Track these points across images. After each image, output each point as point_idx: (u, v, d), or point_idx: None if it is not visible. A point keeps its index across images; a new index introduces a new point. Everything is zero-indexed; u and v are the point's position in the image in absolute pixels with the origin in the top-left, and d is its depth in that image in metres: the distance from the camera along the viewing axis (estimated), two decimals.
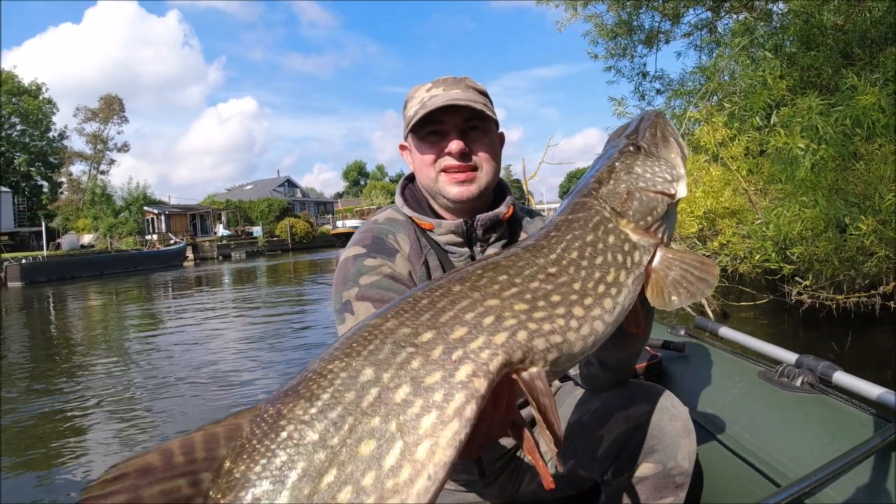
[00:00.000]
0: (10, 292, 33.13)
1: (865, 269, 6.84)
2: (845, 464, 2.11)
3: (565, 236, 1.56)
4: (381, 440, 0.97)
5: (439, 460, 0.98)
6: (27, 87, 69.61)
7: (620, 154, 1.77)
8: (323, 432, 0.96)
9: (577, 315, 1.40)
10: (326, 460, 0.94)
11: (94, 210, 64.46)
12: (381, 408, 1.00)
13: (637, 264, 1.57)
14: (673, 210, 1.73)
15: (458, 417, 1.03)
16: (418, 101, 2.23)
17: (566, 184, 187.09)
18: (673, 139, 1.77)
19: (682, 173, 1.73)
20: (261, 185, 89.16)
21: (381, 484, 0.94)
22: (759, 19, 11.62)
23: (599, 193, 1.69)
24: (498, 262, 1.43)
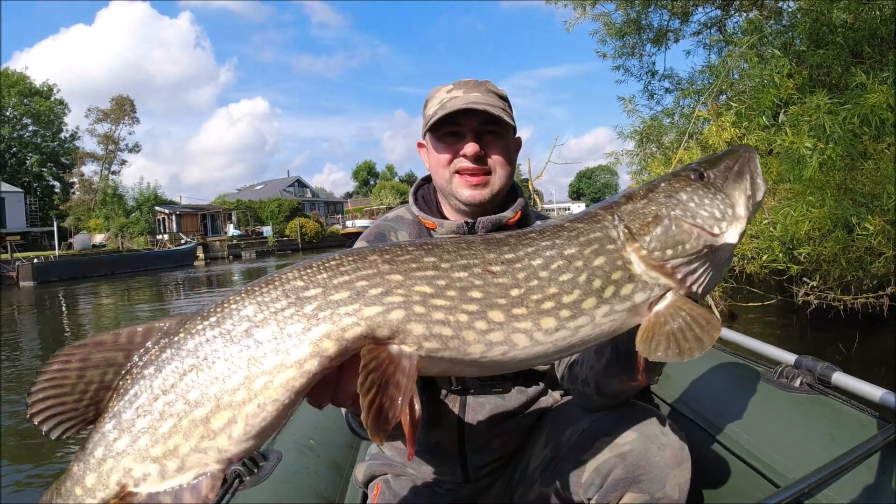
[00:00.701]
0: (22, 292, 33.38)
1: (873, 269, 6.80)
2: (844, 464, 2.10)
3: (541, 241, 1.50)
4: (232, 364, 1.21)
5: (269, 396, 1.21)
6: (39, 88, 70.07)
7: (674, 175, 1.65)
8: (197, 345, 1.24)
9: (493, 319, 1.38)
10: (193, 366, 1.22)
11: (106, 210, 64.80)
12: (245, 340, 1.23)
13: (622, 298, 1.49)
14: (716, 257, 1.58)
15: (297, 367, 1.22)
16: (438, 102, 2.25)
17: (576, 183, 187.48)
18: (749, 178, 1.62)
19: (739, 215, 1.57)
20: (271, 186, 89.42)
21: (219, 397, 1.20)
22: (769, 17, 11.56)
23: (621, 209, 1.58)
24: (441, 244, 1.45)
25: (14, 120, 67.91)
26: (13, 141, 67.84)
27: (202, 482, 1.19)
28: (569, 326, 1.44)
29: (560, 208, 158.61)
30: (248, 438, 1.21)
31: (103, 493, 1.20)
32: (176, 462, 1.19)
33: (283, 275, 1.32)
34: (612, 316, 1.48)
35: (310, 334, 1.24)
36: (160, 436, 1.19)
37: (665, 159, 11.40)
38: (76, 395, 1.23)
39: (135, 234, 61.25)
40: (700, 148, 10.16)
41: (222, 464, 1.21)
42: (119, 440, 1.20)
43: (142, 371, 1.23)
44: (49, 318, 21.82)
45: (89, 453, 1.21)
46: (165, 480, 1.19)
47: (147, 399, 1.21)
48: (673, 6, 14.37)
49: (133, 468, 1.19)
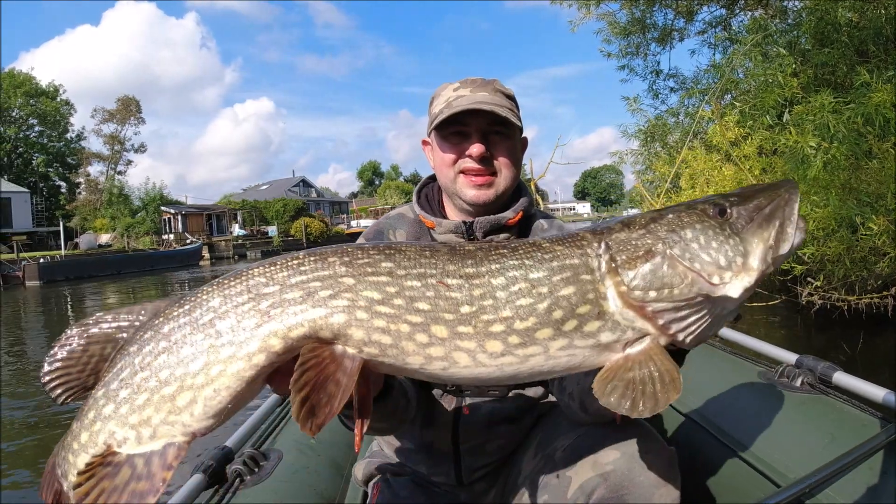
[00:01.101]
0: (28, 291, 33.54)
1: (878, 269, 6.78)
2: (845, 464, 2.10)
3: (509, 260, 1.42)
4: (196, 350, 1.34)
5: (223, 383, 1.33)
6: (45, 88, 70.22)
7: (690, 206, 1.50)
8: (171, 329, 1.37)
9: (435, 333, 1.35)
10: (165, 348, 1.36)
11: (112, 210, 64.92)
12: (208, 329, 1.35)
13: (585, 335, 1.39)
14: (715, 308, 1.44)
15: (247, 360, 1.33)
16: (444, 100, 2.21)
17: (581, 183, 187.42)
18: (778, 225, 1.44)
19: (750, 267, 1.41)
20: (276, 186, 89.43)
21: (183, 379, 1.34)
22: (774, 16, 11.53)
23: (612, 237, 1.45)
24: (405, 250, 1.43)
25: (20, 120, 68.10)
26: (19, 141, 68.03)
27: (169, 451, 1.35)
28: (517, 353, 1.38)
29: (565, 208, 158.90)
30: (208, 417, 1.35)
31: (93, 450, 1.38)
32: (149, 430, 1.35)
33: (250, 270, 1.41)
34: (571, 351, 1.40)
35: (260, 330, 1.34)
36: (136, 406, 1.35)
37: (669, 158, 11.37)
38: (80, 367, 1.42)
39: (140, 234, 61.36)
40: (704, 147, 10.14)
41: (187, 436, 1.36)
42: (106, 406, 1.38)
43: (127, 348, 1.40)
44: (55, 318, 21.89)
45: (84, 414, 1.40)
46: (140, 445, 1.36)
47: (129, 373, 1.37)
48: (677, 5, 14.37)
49: (116, 431, 1.37)
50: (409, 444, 2.32)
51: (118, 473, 1.34)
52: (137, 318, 1.45)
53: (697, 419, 2.88)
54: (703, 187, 9.48)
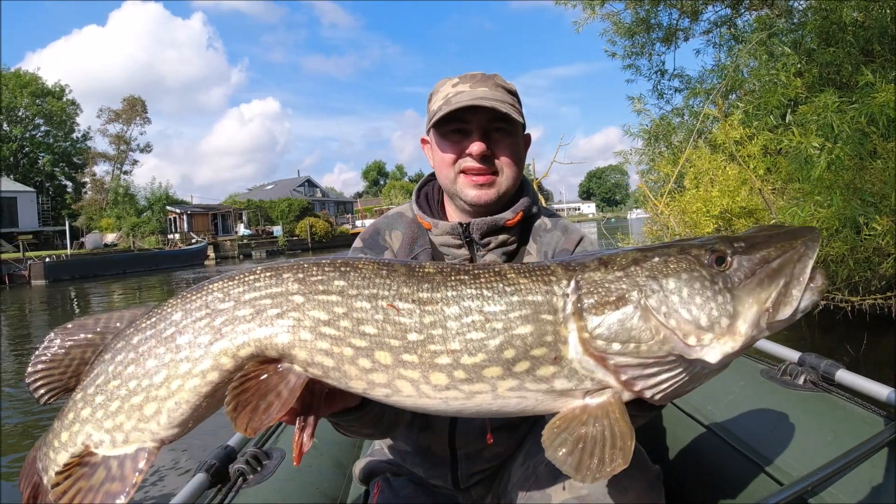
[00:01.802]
0: (33, 290, 33.55)
1: (882, 270, 6.76)
2: (848, 462, 2.10)
3: (467, 288, 1.33)
4: (159, 363, 1.38)
5: (182, 397, 1.36)
6: (51, 88, 70.38)
7: (683, 250, 1.35)
8: (139, 341, 1.40)
9: (378, 359, 1.31)
10: (133, 359, 1.40)
11: (118, 209, 65.01)
12: (169, 343, 1.38)
13: (537, 378, 1.30)
14: (690, 369, 1.31)
15: (202, 377, 1.35)
16: (443, 97, 2.11)
17: (586, 183, 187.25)
18: (782, 284, 1.29)
19: (736, 331, 1.27)
20: (281, 185, 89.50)
21: (148, 390, 1.38)
22: (780, 16, 11.51)
23: (584, 275, 1.33)
24: (362, 268, 1.38)
25: (26, 120, 68.24)
26: (25, 141, 68.15)
27: (140, 455, 1.40)
28: (462, 389, 1.31)
29: (569, 208, 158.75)
30: (173, 427, 1.39)
31: (73, 449, 1.43)
32: (122, 435, 1.41)
33: (211, 284, 1.42)
34: (522, 393, 1.31)
35: (212, 348, 1.36)
36: (110, 412, 1.41)
37: (673, 158, 11.36)
38: (62, 368, 1.47)
39: (146, 234, 61.41)
40: (709, 147, 10.12)
41: (157, 442, 1.41)
42: (84, 409, 1.43)
43: (103, 355, 1.45)
44: (59, 317, 21.92)
45: (65, 415, 1.46)
46: (115, 448, 1.41)
47: (103, 380, 1.42)
48: (682, 5, 14.35)
49: (93, 434, 1.42)
50: (406, 446, 2.28)
51: (94, 474, 1.40)
52: (116, 325, 1.49)
53: (699, 417, 2.87)
54: (707, 187, 9.47)
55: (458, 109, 2.01)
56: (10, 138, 66.05)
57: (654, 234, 11.44)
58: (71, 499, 1.36)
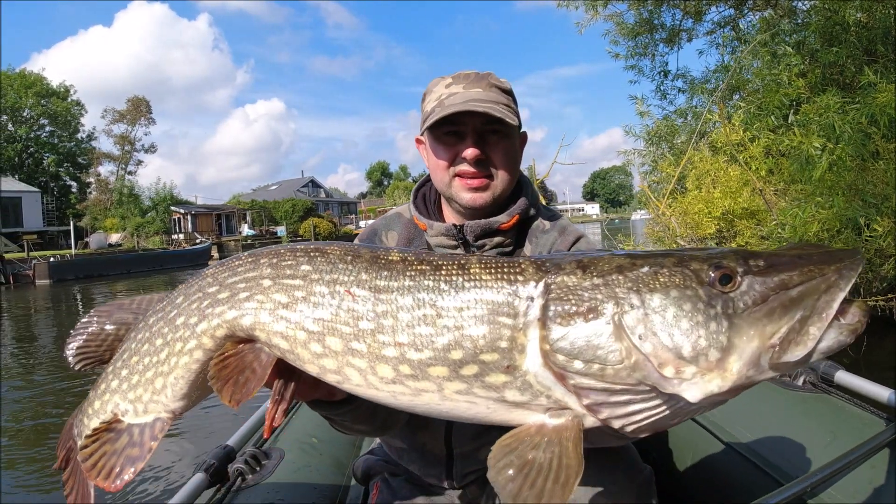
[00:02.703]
0: (38, 290, 33.66)
1: (883, 272, 6.75)
2: (847, 463, 2.10)
3: (425, 279, 1.26)
4: (163, 342, 1.51)
5: (178, 373, 1.49)
6: (56, 89, 70.53)
7: (679, 263, 1.17)
8: (153, 321, 1.54)
9: (329, 345, 1.30)
10: (147, 338, 1.54)
11: (122, 210, 65.11)
12: (170, 324, 1.50)
13: (487, 385, 1.20)
14: (673, 403, 1.15)
15: (189, 355, 1.47)
16: (436, 98, 2.08)
17: (590, 184, 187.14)
18: (798, 318, 1.08)
19: (728, 368, 1.08)
20: (285, 186, 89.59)
21: (156, 365, 1.51)
22: (783, 16, 11.49)
23: (557, 277, 1.19)
24: (330, 253, 1.37)
25: (31, 120, 68.41)
26: (30, 141, 68.35)
27: (156, 424, 1.53)
28: (408, 385, 1.25)
29: (573, 209, 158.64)
30: (178, 399, 1.52)
31: (103, 416, 1.58)
32: (142, 406, 1.54)
33: (207, 270, 1.53)
34: (470, 398, 1.22)
35: (197, 328, 1.45)
36: (132, 385, 1.55)
37: (674, 160, 11.35)
38: (98, 342, 1.64)
39: (150, 234, 61.50)
40: (710, 149, 10.11)
41: (169, 413, 1.54)
42: (113, 381, 1.58)
43: (130, 333, 1.60)
44: (64, 316, 21.97)
45: (98, 386, 1.62)
46: (137, 417, 1.55)
47: (128, 356, 1.57)
48: (685, 5, 14.32)
49: (119, 403, 1.56)
50: (402, 444, 2.27)
51: (118, 439, 1.53)
52: (148, 307, 1.62)
53: (698, 417, 2.87)
54: (708, 188, 9.47)
55: (452, 113, 1.98)
56: (15, 138, 66.25)
57: (655, 234, 11.42)
58: (96, 460, 1.49)
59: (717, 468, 2.64)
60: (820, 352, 1.10)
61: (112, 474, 1.48)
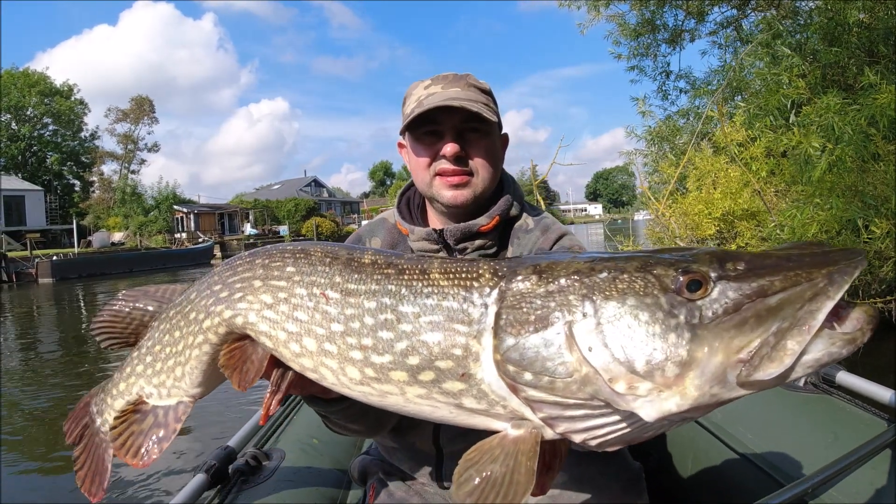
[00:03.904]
0: (41, 288, 33.72)
1: (882, 274, 6.73)
2: (849, 464, 2.09)
3: (389, 283, 1.25)
4: (180, 334, 1.59)
5: (192, 364, 1.58)
6: (59, 88, 70.63)
7: (643, 267, 1.08)
8: (173, 314, 1.63)
9: (305, 345, 1.33)
10: (167, 329, 1.63)
11: (125, 209, 65.25)
12: (186, 317, 1.58)
13: (445, 392, 1.17)
14: (633, 420, 1.07)
15: (199, 347, 1.55)
16: (415, 99, 2.09)
17: (592, 184, 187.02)
18: (774, 330, 0.97)
19: (686, 385, 0.99)
20: (288, 185, 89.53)
21: (175, 355, 1.60)
22: (786, 17, 11.48)
23: (512, 283, 1.14)
24: (310, 254, 1.41)
25: (35, 119, 68.52)
26: (34, 140, 68.46)
27: (179, 407, 1.63)
28: (374, 387, 1.25)
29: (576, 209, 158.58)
30: (196, 386, 1.62)
31: (129, 397, 1.66)
32: (165, 391, 1.63)
33: (216, 268, 1.60)
34: (433, 403, 1.20)
35: (203, 324, 1.54)
36: (156, 371, 1.64)
37: (675, 160, 11.35)
38: (123, 325, 1.71)
39: (153, 233, 61.58)
40: (712, 149, 10.10)
41: (190, 398, 1.63)
42: (138, 366, 1.67)
43: (153, 322, 1.69)
44: (67, 315, 22.01)
45: (124, 369, 1.71)
46: (161, 400, 1.64)
47: (151, 343, 1.66)
48: (688, 6, 14.31)
49: (144, 387, 1.65)
50: (394, 443, 2.27)
51: (144, 420, 1.62)
52: (171, 297, 1.71)
53: (699, 418, 2.87)
54: (709, 188, 9.45)
55: (430, 111, 1.99)
56: (19, 137, 66.38)
57: (655, 235, 11.42)
58: (125, 440, 1.59)
59: (717, 469, 2.64)
60: (805, 366, 0.98)
61: (140, 453, 1.58)
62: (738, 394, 1.01)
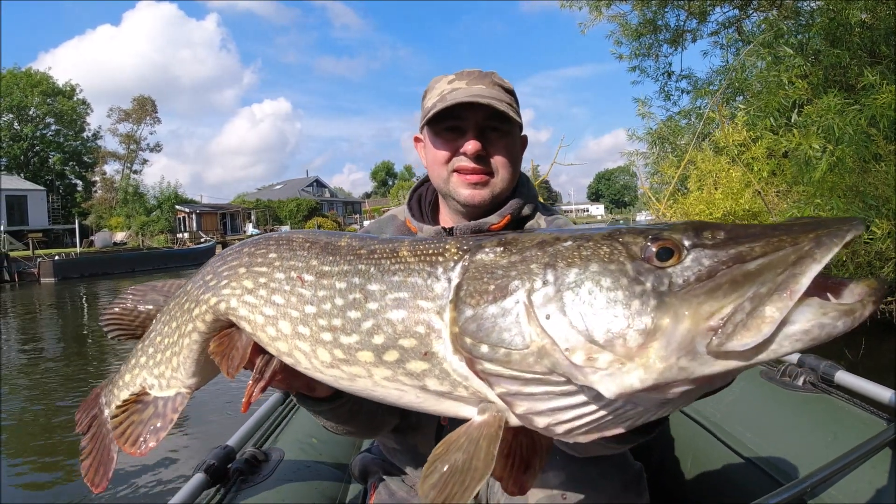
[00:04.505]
0: (43, 288, 33.75)
1: (883, 274, 6.72)
2: (847, 463, 2.10)
3: (359, 263, 1.23)
4: (176, 324, 1.63)
5: (185, 354, 1.61)
6: (61, 88, 70.75)
7: (609, 236, 1.02)
8: (172, 306, 1.66)
9: (281, 329, 1.33)
10: (166, 321, 1.66)
11: (127, 208, 65.40)
12: (181, 307, 1.61)
13: (409, 373, 1.14)
14: (607, 407, 0.99)
15: (190, 336, 1.58)
16: (438, 93, 2.04)
17: (594, 185, 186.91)
18: (750, 295, 0.87)
19: (650, 356, 0.90)
20: (290, 185, 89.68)
21: (171, 345, 1.63)
22: (788, 17, 11.47)
23: (476, 256, 1.09)
24: (292, 240, 1.41)
25: (37, 119, 68.65)
26: (36, 140, 68.60)
27: (177, 398, 1.66)
28: (343, 369, 1.23)
29: (578, 209, 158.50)
30: (191, 377, 1.65)
31: (133, 388, 1.71)
32: (165, 381, 1.67)
33: (210, 259, 1.64)
34: (399, 386, 1.16)
35: (193, 313, 1.56)
36: (157, 362, 1.68)
37: (676, 161, 11.34)
38: (131, 318, 1.78)
39: (155, 233, 61.72)
40: (713, 150, 10.10)
41: (187, 388, 1.67)
42: (141, 357, 1.72)
43: (157, 315, 1.73)
44: (69, 314, 22.04)
45: (130, 360, 1.75)
46: (161, 391, 1.67)
47: (153, 335, 1.70)
48: (690, 6, 14.30)
49: (147, 378, 1.69)
50: (395, 444, 2.25)
51: (145, 410, 1.66)
52: (176, 291, 1.73)
53: (698, 417, 2.87)
54: (710, 189, 9.44)
55: (454, 106, 1.94)
56: (21, 137, 66.51)
57: None
58: (125, 429, 1.63)
59: (717, 468, 2.64)
60: (793, 339, 0.86)
61: (138, 442, 1.62)
62: (713, 368, 0.89)
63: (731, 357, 0.88)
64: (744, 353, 0.87)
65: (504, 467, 1.12)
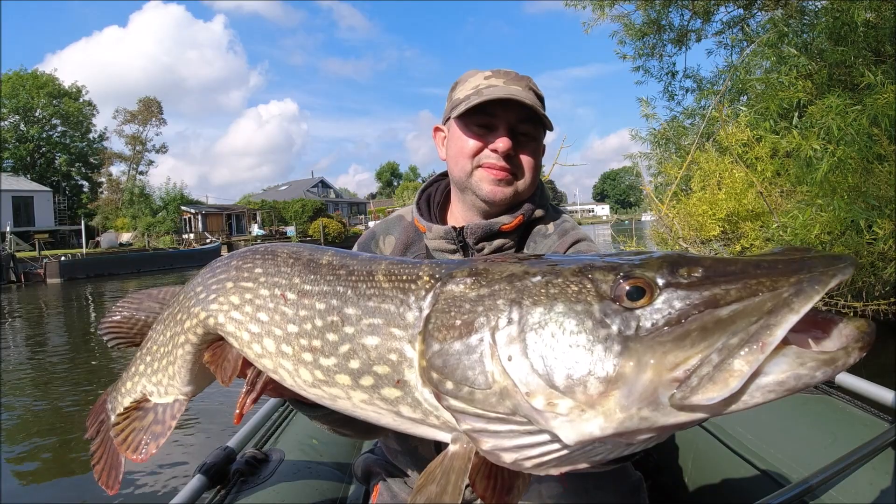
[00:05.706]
0: (49, 288, 33.88)
1: (885, 275, 6.70)
2: (848, 464, 2.10)
3: (339, 285, 1.22)
4: (170, 334, 1.62)
5: (179, 363, 1.61)
6: (67, 89, 70.95)
7: (580, 272, 0.97)
8: (165, 316, 1.66)
9: (266, 347, 1.32)
10: (161, 330, 1.66)
11: (133, 209, 65.40)
12: (174, 318, 1.61)
13: (384, 398, 1.13)
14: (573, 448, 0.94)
15: (183, 347, 1.58)
16: (472, 87, 2.01)
17: (599, 185, 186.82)
18: (719, 347, 0.83)
19: (610, 405, 0.87)
20: (295, 186, 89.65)
21: (166, 355, 1.63)
22: (791, 16, 11.43)
23: (446, 286, 1.07)
24: (277, 255, 1.39)
25: (43, 120, 68.87)
26: (42, 141, 68.82)
27: (175, 405, 1.69)
28: (324, 390, 1.22)
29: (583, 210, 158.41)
30: (186, 385, 1.66)
31: (134, 395, 1.72)
32: (162, 388, 1.68)
33: (200, 270, 1.63)
34: (376, 409, 1.15)
35: (185, 325, 1.57)
36: (154, 370, 1.69)
37: (679, 161, 11.32)
38: (129, 326, 1.78)
39: (161, 233, 61.74)
40: (717, 150, 10.08)
41: (184, 395, 1.68)
42: (140, 365, 1.73)
43: (153, 324, 1.74)
44: (75, 314, 22.10)
45: (130, 367, 1.77)
46: (160, 398, 1.69)
47: (150, 344, 1.71)
48: (694, 5, 14.27)
49: (146, 385, 1.71)
50: (397, 446, 2.23)
51: (145, 417, 1.68)
52: (172, 298, 1.74)
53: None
54: (713, 189, 9.43)
55: (490, 102, 1.92)
56: (27, 138, 66.71)
57: (659, 236, 11.39)
58: (126, 436, 1.65)
59: (717, 469, 2.64)
60: (766, 390, 0.83)
61: (139, 448, 1.64)
62: (677, 419, 0.86)
63: (696, 410, 0.85)
64: (710, 406, 0.84)
65: (486, 488, 1.08)
